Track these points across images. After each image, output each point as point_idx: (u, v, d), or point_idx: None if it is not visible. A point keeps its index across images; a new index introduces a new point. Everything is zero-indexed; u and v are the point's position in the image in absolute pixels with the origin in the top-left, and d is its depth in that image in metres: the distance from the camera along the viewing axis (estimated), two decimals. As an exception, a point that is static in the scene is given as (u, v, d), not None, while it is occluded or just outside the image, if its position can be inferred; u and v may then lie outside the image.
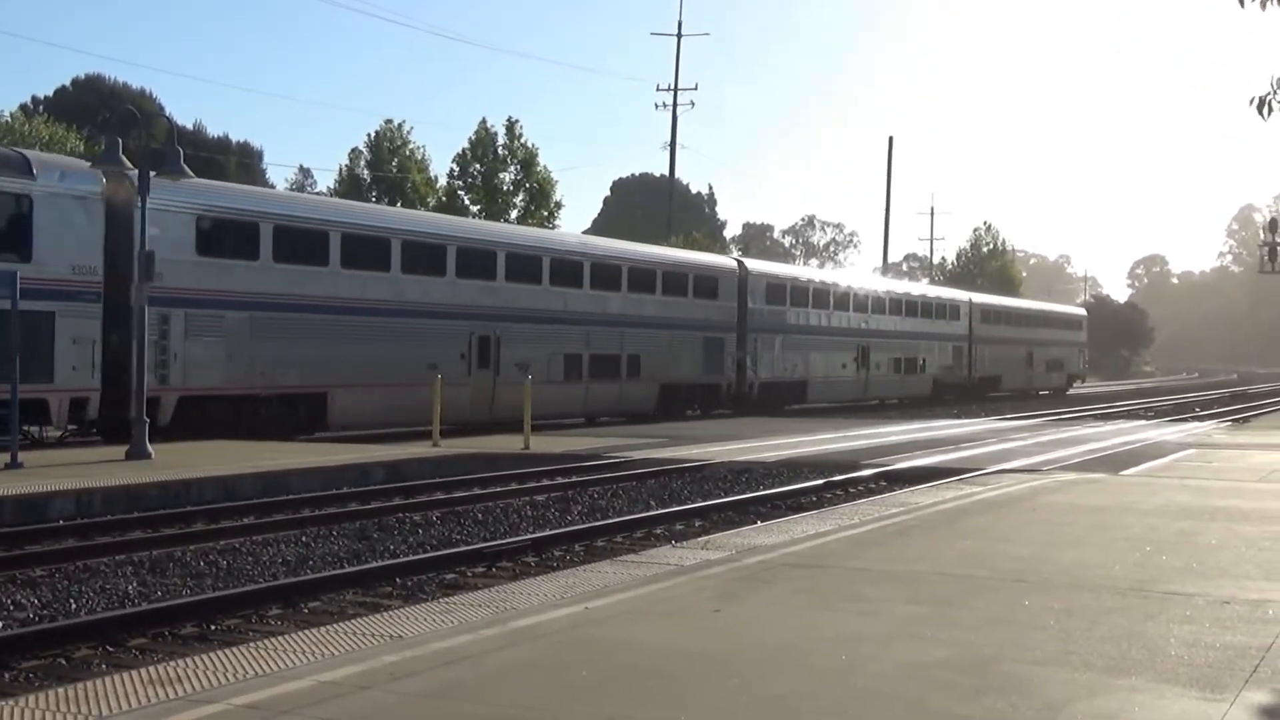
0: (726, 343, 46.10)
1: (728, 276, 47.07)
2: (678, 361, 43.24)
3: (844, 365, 54.24)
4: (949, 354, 65.54)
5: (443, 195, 64.43)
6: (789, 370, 50.13)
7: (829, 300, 54.11)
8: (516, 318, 36.23)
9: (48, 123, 56.00)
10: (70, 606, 11.74)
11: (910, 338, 60.82)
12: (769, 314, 48.95)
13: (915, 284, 77.72)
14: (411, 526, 17.22)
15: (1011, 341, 74.23)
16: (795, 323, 50.78)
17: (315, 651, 7.93)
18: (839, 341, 54.06)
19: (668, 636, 8.36)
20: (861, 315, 56.18)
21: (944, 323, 65.18)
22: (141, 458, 22.01)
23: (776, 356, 49.22)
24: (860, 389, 56.10)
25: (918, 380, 61.68)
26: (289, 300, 30.05)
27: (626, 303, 41.28)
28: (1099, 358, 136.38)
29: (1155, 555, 11.92)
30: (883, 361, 57.66)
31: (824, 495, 20.65)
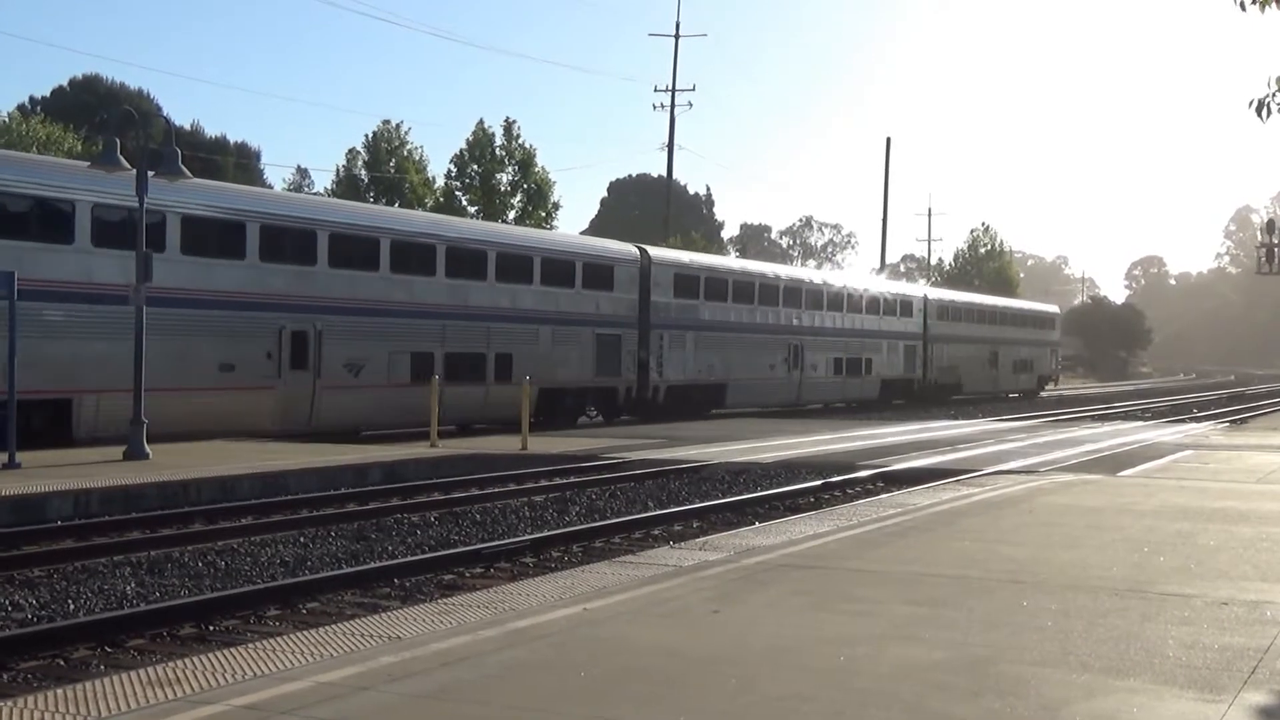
0: (625, 340, 40.96)
1: (626, 265, 41.65)
2: (563, 362, 38.06)
3: (772, 366, 49.03)
4: (900, 354, 60.44)
5: (440, 196, 64.46)
6: (703, 371, 44.97)
7: (753, 293, 48.71)
8: (344, 309, 31.09)
9: (45, 123, 56.03)
10: (68, 607, 11.74)
11: (853, 336, 55.63)
12: (678, 308, 43.78)
13: (860, 277, 70.22)
14: (410, 527, 17.22)
15: (973, 340, 69.18)
16: (711, 318, 45.60)
17: (314, 652, 7.94)
18: (766, 340, 48.85)
19: (666, 637, 8.37)
20: (793, 311, 50.94)
21: (894, 319, 59.92)
22: (139, 458, 22.01)
23: (688, 356, 44.10)
24: (792, 392, 50.82)
25: (862, 382, 56.61)
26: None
27: (495, 293, 35.97)
28: (1096, 359, 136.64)
29: (1153, 556, 11.93)
30: (820, 362, 52.61)
31: (822, 496, 20.66)
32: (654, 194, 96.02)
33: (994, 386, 71.72)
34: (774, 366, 49.09)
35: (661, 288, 42.85)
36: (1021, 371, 76.14)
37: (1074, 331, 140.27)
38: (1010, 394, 73.50)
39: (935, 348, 63.74)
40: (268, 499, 19.47)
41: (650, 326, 42.01)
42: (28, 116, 58.40)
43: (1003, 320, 74.53)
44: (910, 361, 61.26)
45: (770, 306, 49.38)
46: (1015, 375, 75.05)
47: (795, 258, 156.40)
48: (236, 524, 17.09)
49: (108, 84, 73.04)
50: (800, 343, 50.81)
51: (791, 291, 51.45)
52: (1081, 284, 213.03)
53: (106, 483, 18.51)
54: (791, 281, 52.97)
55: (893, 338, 59.47)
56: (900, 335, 60.28)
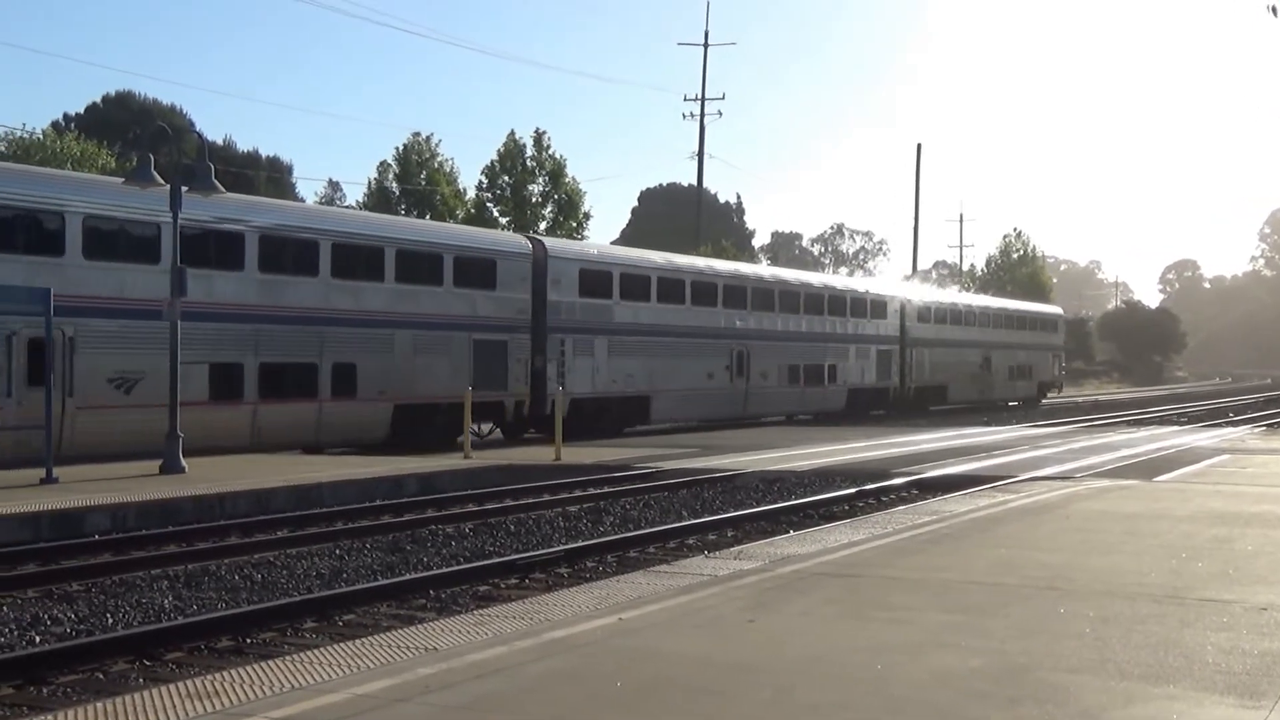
0: (514, 347, 35.09)
1: (513, 259, 35.66)
2: (428, 373, 32.37)
3: (710, 374, 43.09)
4: (871, 360, 54.15)
5: (471, 208, 64.63)
6: (620, 382, 38.95)
7: (683, 292, 42.51)
8: (108, 312, 25.54)
9: (79, 139, 56.43)
10: (107, 621, 11.80)
11: (813, 340, 49.54)
12: (585, 309, 37.86)
13: (821, 275, 62.28)
14: (444, 538, 17.25)
15: (961, 344, 62.62)
16: (629, 320, 39.57)
17: (350, 664, 7.96)
18: (703, 345, 42.79)
19: (702, 647, 8.36)
20: (737, 312, 45.00)
21: (864, 322, 53.69)
22: (175, 471, 22.13)
23: (599, 364, 38.16)
24: (736, 403, 44.85)
25: (824, 392, 50.25)
26: None
27: (331, 292, 30.12)
28: (1130, 363, 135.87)
29: (1190, 562, 11.86)
30: (771, 369, 46.46)
31: (856, 504, 20.61)
32: (684, 203, 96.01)
33: (986, 395, 65.64)
34: (713, 375, 43.43)
35: (562, 285, 37.14)
36: (1019, 378, 70.17)
37: (1108, 336, 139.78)
38: (1007, 402, 68.13)
39: (915, 353, 57.79)
40: (303, 511, 19.54)
41: (549, 330, 36.40)
42: (62, 133, 58.82)
43: (996, 322, 68.25)
44: (884, 368, 55.22)
45: (707, 307, 43.58)
46: (1012, 382, 69.05)
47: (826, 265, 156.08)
48: (272, 537, 17.16)
49: (141, 100, 73.52)
50: (746, 348, 45.08)
51: (734, 290, 45.58)
52: (1115, 288, 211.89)
53: (143, 497, 18.61)
54: (734, 278, 46.70)
55: (863, 342, 53.47)
56: (872, 339, 54.29)
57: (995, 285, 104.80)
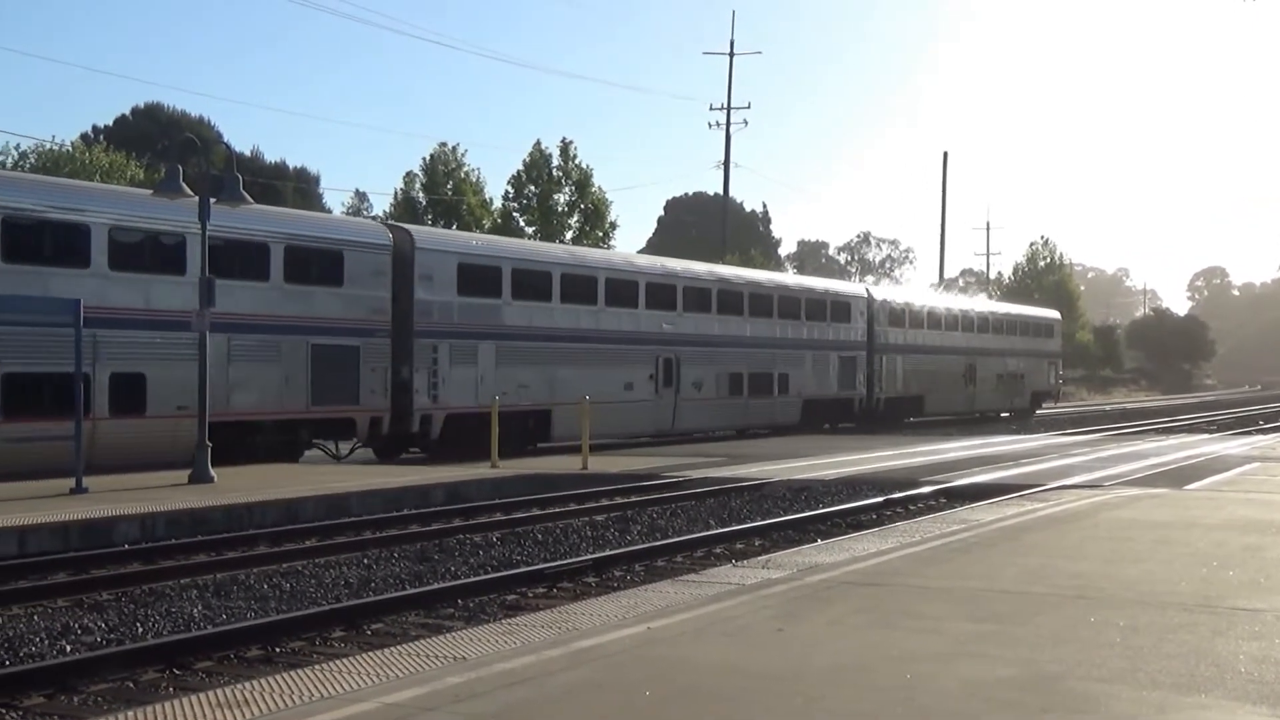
0: (367, 353, 30.22)
1: (365, 251, 30.63)
2: (245, 384, 27.48)
3: (629, 385, 37.97)
4: (832, 367, 48.76)
5: (498, 217, 64.76)
6: (513, 394, 33.62)
7: (595, 291, 37.46)
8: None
9: (107, 151, 56.76)
10: (137, 630, 11.85)
11: (760, 346, 44.43)
12: (467, 309, 33.02)
13: (771, 273, 55.71)
14: (472, 548, 17.28)
15: (940, 350, 57.08)
16: (525, 323, 34.76)
17: (379, 673, 7.98)
18: (621, 351, 37.87)
19: (730, 656, 8.34)
20: (666, 314, 40.00)
21: (822, 325, 48.35)
22: (204, 481, 22.21)
23: (485, 374, 33.15)
24: (662, 417, 39.51)
25: (773, 404, 45.10)
26: None
27: (108, 287, 25.18)
28: (1159, 371, 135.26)
29: (1221, 570, 11.79)
30: (707, 378, 41.41)
31: (884, 513, 20.58)
32: (711, 212, 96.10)
33: (969, 405, 60.17)
34: (633, 386, 38.18)
35: (435, 281, 32.27)
36: (1009, 387, 64.31)
37: (1136, 344, 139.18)
38: (997, 413, 62.91)
39: (885, 360, 52.40)
40: (331, 521, 19.61)
41: (416, 334, 31.62)
42: (91, 145, 59.17)
43: (982, 327, 62.41)
44: (848, 377, 49.88)
45: (626, 308, 38.50)
46: (1001, 392, 63.33)
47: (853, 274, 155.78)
48: (301, 546, 17.22)
49: (169, 112, 73.95)
50: (675, 355, 39.95)
51: (660, 288, 40.27)
52: (1143, 296, 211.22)
53: (172, 506, 18.69)
54: (661, 276, 41.19)
55: (821, 348, 48.25)
56: (833, 345, 49.02)
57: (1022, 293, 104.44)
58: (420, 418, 31.47)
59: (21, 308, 22.04)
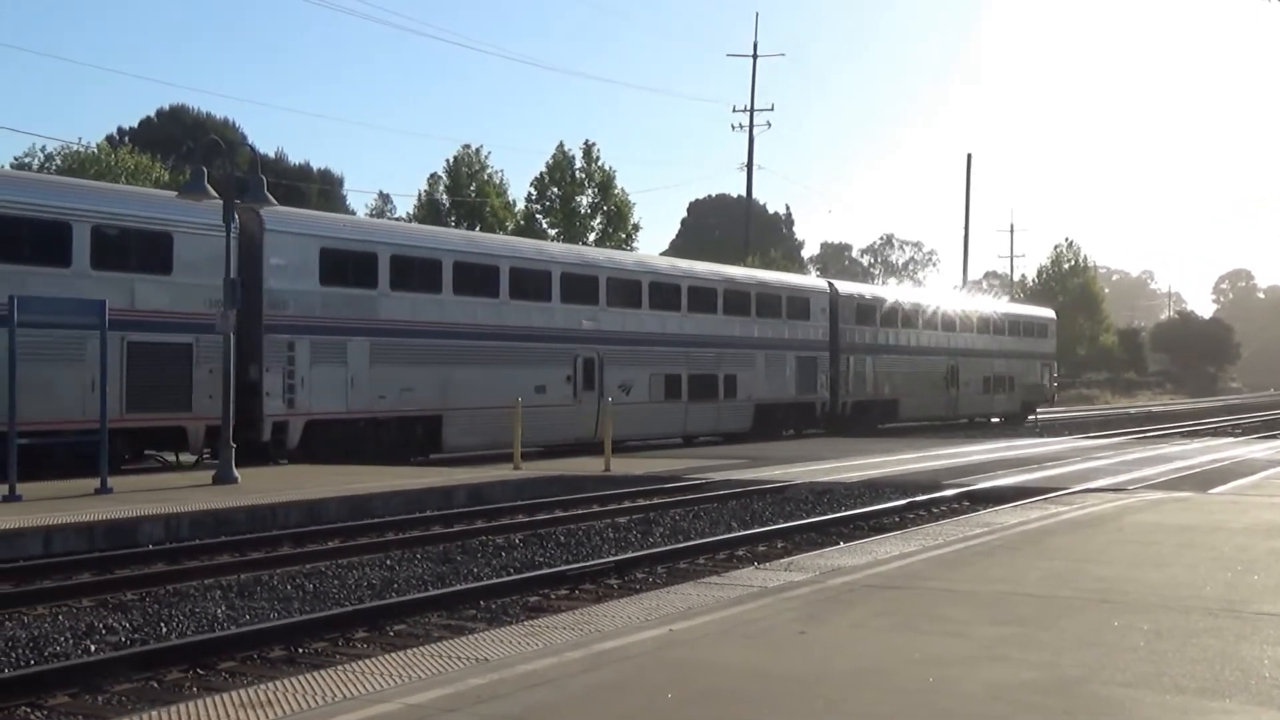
0: (203, 352, 25.86)
1: (197, 234, 26.06)
2: (48, 390, 23.17)
3: (541, 388, 34.17)
4: (789, 369, 44.65)
5: (521, 219, 64.88)
6: (393, 398, 30.24)
7: (497, 281, 33.54)
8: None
9: (133, 153, 57.03)
10: (161, 630, 11.89)
11: (702, 345, 40.55)
12: (332, 300, 29.04)
13: (710, 265, 49.22)
14: (494, 549, 17.30)
15: (916, 351, 53.15)
16: (406, 317, 30.85)
17: (402, 674, 8.00)
18: (531, 350, 34.12)
19: (752, 659, 8.34)
20: (586, 308, 36.37)
21: (776, 323, 44.31)
22: (228, 482, 22.29)
23: (357, 375, 29.22)
24: (582, 423, 35.20)
25: (718, 409, 41.19)
26: None
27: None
28: (1184, 374, 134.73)
29: (1246, 575, 11.74)
30: (636, 381, 37.48)
31: (906, 516, 20.54)
32: (734, 214, 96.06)
33: (951, 410, 56.23)
34: (545, 389, 34.49)
35: (291, 269, 28.58)
36: (997, 391, 60.10)
37: (1161, 347, 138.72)
38: (987, 418, 59.89)
39: (852, 360, 48.35)
40: (354, 522, 19.65)
41: (266, 329, 27.90)
42: (116, 147, 59.48)
43: (966, 325, 57.99)
44: (807, 379, 45.69)
45: (537, 302, 34.89)
46: (987, 396, 59.31)
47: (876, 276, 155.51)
48: (324, 547, 17.26)
49: (194, 114, 74.25)
50: (598, 354, 36.32)
51: (579, 280, 36.42)
52: (1168, 299, 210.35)
53: (196, 507, 18.75)
54: (579, 266, 37.31)
55: (776, 347, 44.21)
56: (789, 344, 44.93)
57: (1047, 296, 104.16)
58: (272, 425, 27.65)
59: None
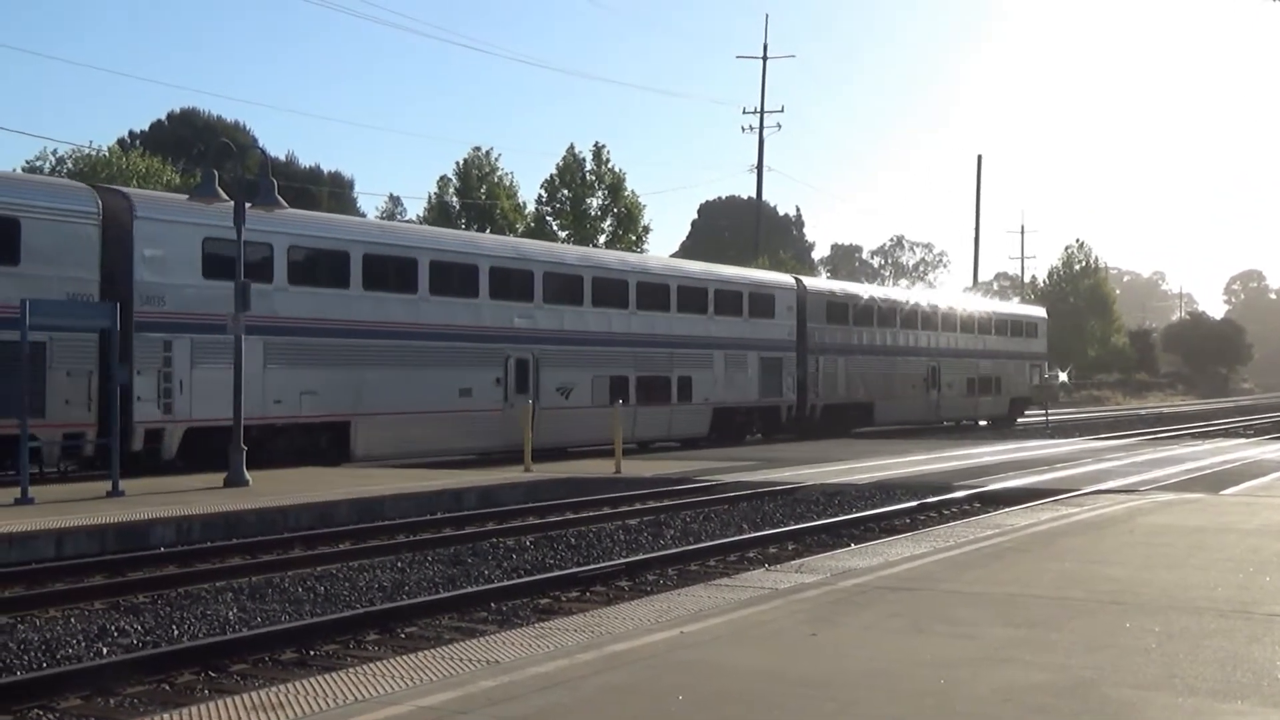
0: (59, 353, 23.98)
1: (58, 221, 24.51)
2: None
3: (467, 391, 31.77)
4: (752, 370, 41.94)
5: (531, 221, 64.91)
6: (290, 402, 27.66)
7: (415, 276, 30.93)
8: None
9: (144, 156, 57.11)
10: (173, 632, 11.92)
11: (652, 345, 37.79)
12: (218, 297, 25.24)
13: (663, 259, 48.22)
14: (505, 551, 17.31)
15: (892, 351, 50.41)
16: (308, 314, 28.33)
17: (413, 677, 8.01)
18: (454, 350, 31.56)
19: (764, 660, 8.34)
20: (519, 305, 33.63)
21: (736, 321, 41.54)
22: (239, 485, 22.33)
23: (250, 376, 24.86)
24: (514, 428, 30.60)
25: (670, 413, 38.25)
26: None
27: None
28: (1195, 375, 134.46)
29: (1258, 576, 11.72)
30: (577, 383, 34.94)
31: (917, 517, 20.52)
32: (744, 215, 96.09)
33: (932, 413, 53.40)
34: (472, 392, 31.99)
35: (169, 261, 25.92)
36: (983, 393, 57.14)
37: (1172, 348, 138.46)
38: (975, 421, 57.36)
39: (822, 361, 45.47)
40: (365, 524, 19.68)
41: (139, 327, 25.03)
42: (127, 150, 59.56)
43: (949, 325, 55.09)
44: (772, 381, 42.95)
45: (462, 298, 32.24)
46: (971, 398, 56.41)
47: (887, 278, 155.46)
48: (335, 549, 17.29)
49: (205, 117, 74.36)
50: (533, 355, 33.72)
51: (510, 274, 33.88)
52: (1179, 300, 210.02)
53: (207, 509, 18.80)
54: (511, 259, 34.61)
55: (736, 346, 41.39)
56: (752, 343, 42.07)
57: (1058, 297, 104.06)
58: (145, 432, 25.04)
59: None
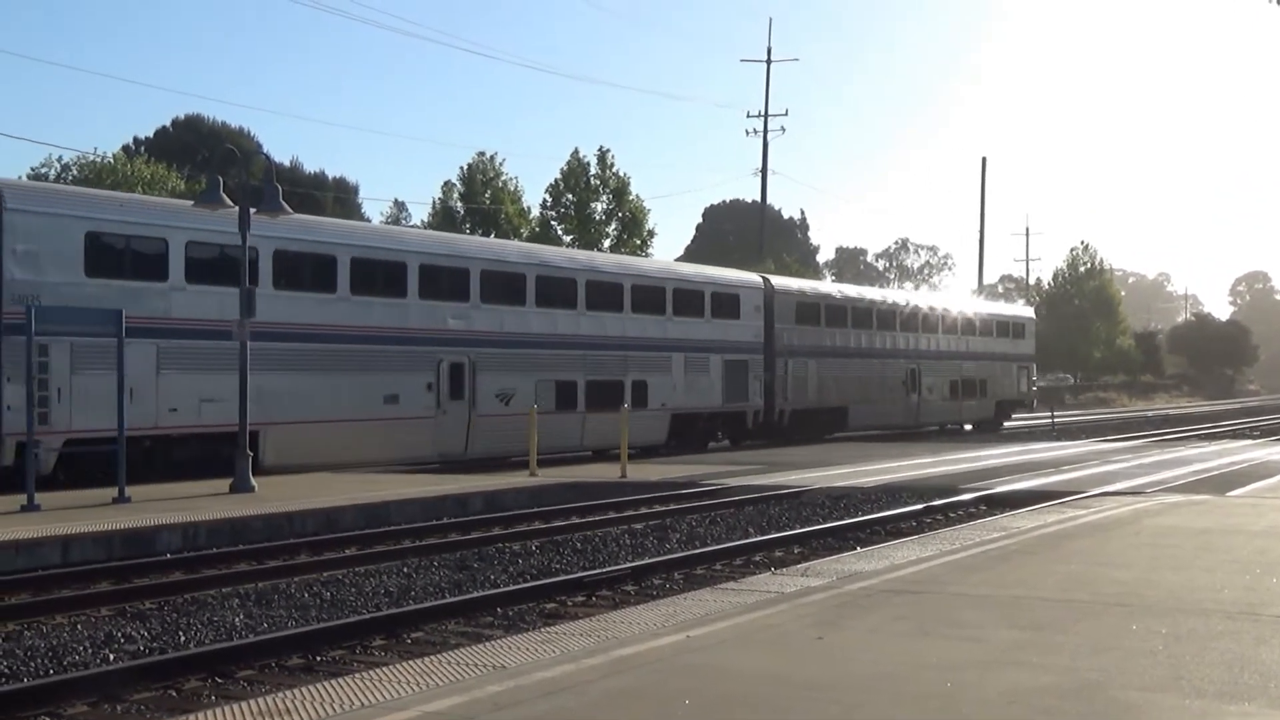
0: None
1: None
2: None
3: (393, 398, 29.48)
4: (714, 373, 39.71)
5: (536, 226, 64.90)
6: (197, 409, 25.37)
7: (334, 274, 28.52)
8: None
9: (149, 163, 57.20)
10: (179, 639, 11.92)
11: (604, 347, 35.58)
12: (104, 296, 23.84)
13: (615, 256, 46.64)
14: (511, 556, 17.30)
15: (868, 354, 48.06)
16: (211, 316, 25.54)
17: (419, 682, 8.00)
18: (379, 354, 29.35)
19: (770, 664, 8.33)
20: (453, 305, 31.34)
21: (697, 323, 39.17)
22: (244, 491, 22.34)
23: (141, 383, 23.97)
24: (449, 437, 30.66)
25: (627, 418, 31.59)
26: None
27: None
28: (1201, 377, 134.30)
29: (1265, 578, 11.71)
30: (520, 388, 32.43)
31: (924, 520, 20.50)
32: (749, 219, 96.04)
33: (911, 418, 51.13)
34: (399, 398, 29.73)
35: (44, 257, 23.88)
36: (967, 396, 54.93)
37: (1178, 350, 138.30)
38: (960, 426, 55.27)
39: (791, 364, 43.27)
40: (371, 530, 19.68)
41: (8, 331, 22.46)
42: (132, 157, 59.68)
43: (930, 326, 52.85)
44: (736, 385, 40.71)
45: (387, 297, 29.92)
46: (954, 401, 54.24)
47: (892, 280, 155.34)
48: (341, 555, 17.27)
49: (209, 123, 74.44)
50: (469, 357, 31.46)
51: (442, 273, 31.51)
52: (1184, 301, 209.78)
53: (214, 515, 18.80)
54: (444, 256, 32.18)
55: (697, 349, 39.05)
56: (714, 345, 39.76)
57: (1063, 299, 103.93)
58: (15, 445, 22.54)
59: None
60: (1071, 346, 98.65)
